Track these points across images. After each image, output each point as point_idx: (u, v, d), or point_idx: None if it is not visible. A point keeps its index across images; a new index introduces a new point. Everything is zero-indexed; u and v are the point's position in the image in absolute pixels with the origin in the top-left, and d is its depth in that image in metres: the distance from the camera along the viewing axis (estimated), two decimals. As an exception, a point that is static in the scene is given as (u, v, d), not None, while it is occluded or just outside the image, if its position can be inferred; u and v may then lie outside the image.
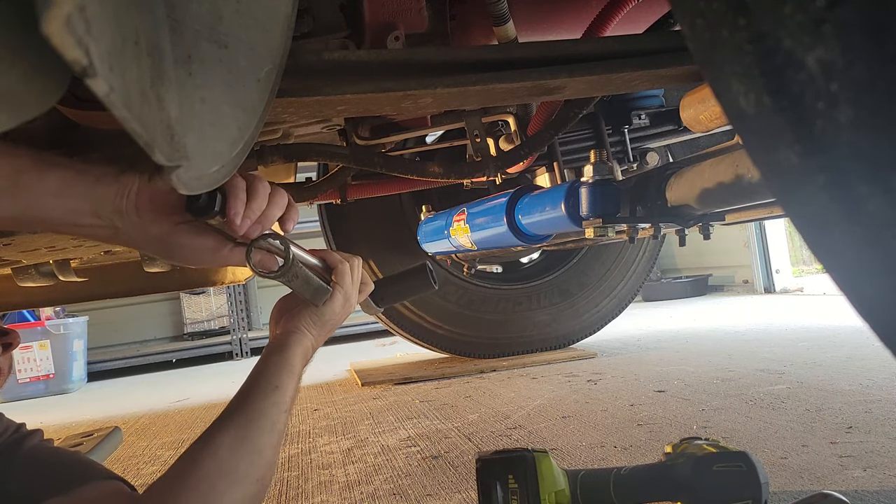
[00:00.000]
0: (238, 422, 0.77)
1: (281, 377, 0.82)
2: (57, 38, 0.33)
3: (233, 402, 0.81)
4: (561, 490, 1.00)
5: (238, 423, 0.77)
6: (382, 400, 2.40)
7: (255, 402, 0.80)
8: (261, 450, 0.77)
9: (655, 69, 1.01)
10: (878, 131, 0.33)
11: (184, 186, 0.51)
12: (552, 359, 2.81)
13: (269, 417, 0.79)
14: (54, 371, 4.06)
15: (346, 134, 1.64)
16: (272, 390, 0.81)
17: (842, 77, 0.33)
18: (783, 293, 4.67)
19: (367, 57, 0.95)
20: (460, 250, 2.33)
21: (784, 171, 0.39)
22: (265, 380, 0.82)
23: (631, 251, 3.02)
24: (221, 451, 0.74)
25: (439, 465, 1.52)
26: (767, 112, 0.38)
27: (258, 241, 0.77)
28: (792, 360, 2.25)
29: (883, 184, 0.34)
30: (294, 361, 0.85)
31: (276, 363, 0.83)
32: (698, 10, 0.40)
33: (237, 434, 0.76)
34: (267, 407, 0.80)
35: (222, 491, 0.72)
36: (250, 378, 0.83)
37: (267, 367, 0.83)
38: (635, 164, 1.93)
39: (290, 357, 0.84)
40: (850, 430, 1.41)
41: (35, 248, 1.42)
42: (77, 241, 1.37)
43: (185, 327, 5.62)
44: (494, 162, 1.72)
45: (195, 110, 0.53)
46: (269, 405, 0.80)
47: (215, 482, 0.72)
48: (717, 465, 0.95)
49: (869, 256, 0.37)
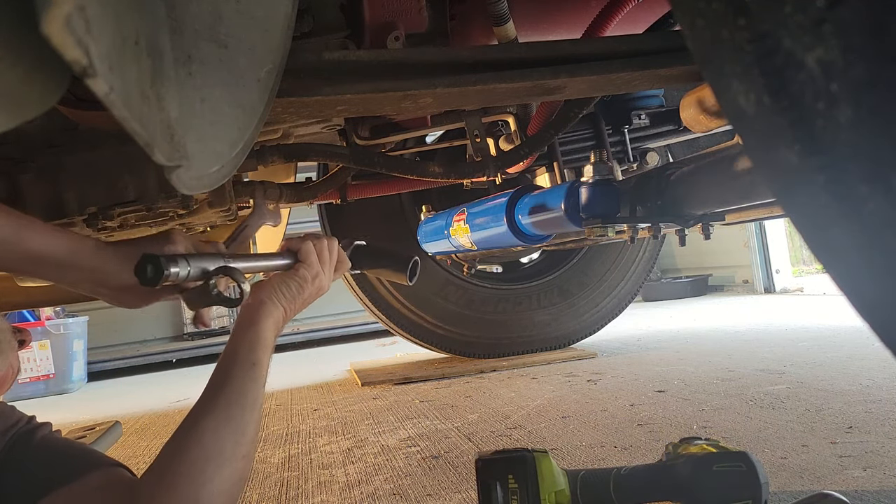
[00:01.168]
0: (220, 403, 0.80)
1: (256, 353, 0.84)
2: (57, 38, 0.33)
3: (211, 382, 0.83)
4: (561, 490, 1.00)
5: (220, 404, 0.80)
6: (382, 400, 2.40)
7: (234, 381, 0.82)
8: (244, 429, 0.80)
9: (655, 69, 1.01)
10: (878, 131, 0.33)
11: (184, 186, 0.51)
12: (552, 359, 2.81)
13: (248, 395, 0.82)
14: (54, 371, 4.06)
15: (346, 134, 1.64)
16: (249, 367, 0.83)
17: (842, 77, 0.33)
18: (783, 293, 4.67)
19: (366, 57, 0.95)
20: (460, 250, 2.33)
21: (784, 171, 0.39)
22: (242, 357, 0.84)
23: (631, 251, 3.02)
24: (206, 436, 0.77)
25: (439, 465, 1.52)
26: (767, 112, 0.38)
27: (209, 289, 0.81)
28: (792, 360, 2.25)
29: (883, 184, 0.34)
30: (267, 335, 0.87)
31: (251, 339, 0.85)
32: (698, 10, 0.40)
33: (220, 416, 0.79)
34: (246, 384, 0.82)
35: (212, 473, 0.75)
36: (226, 355, 0.84)
37: (241, 343, 0.85)
38: (635, 164, 1.93)
39: (262, 331, 0.86)
40: (850, 430, 1.41)
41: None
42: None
43: (185, 327, 5.62)
44: (494, 162, 1.72)
45: (195, 110, 0.53)
46: (248, 382, 0.82)
47: (204, 466, 0.75)
48: (717, 465, 0.95)
49: (869, 256, 0.37)
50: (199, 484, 0.74)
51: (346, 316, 5.28)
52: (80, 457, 0.86)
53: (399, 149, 1.99)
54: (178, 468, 0.75)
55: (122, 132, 0.43)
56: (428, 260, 2.83)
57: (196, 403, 0.81)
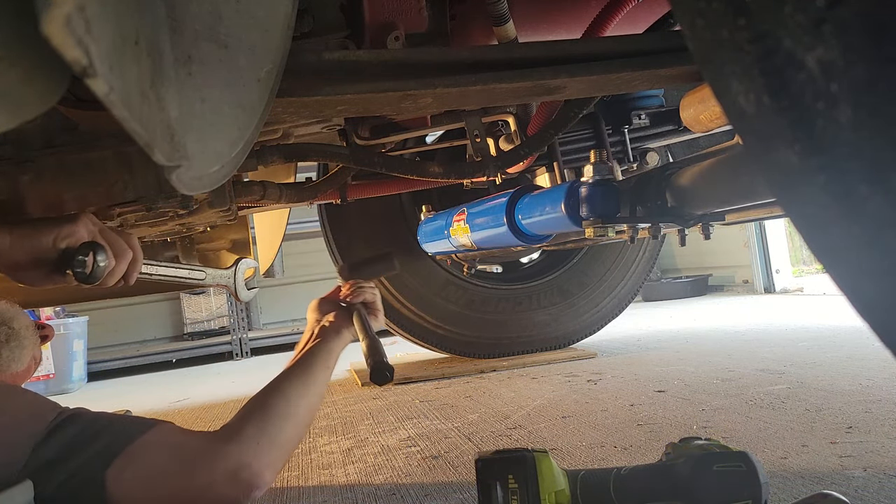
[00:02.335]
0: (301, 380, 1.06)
1: (329, 360, 1.14)
2: (57, 38, 0.33)
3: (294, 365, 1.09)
4: (561, 490, 1.00)
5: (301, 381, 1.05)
6: (382, 400, 2.40)
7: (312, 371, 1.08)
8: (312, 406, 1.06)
9: (655, 69, 1.01)
10: (878, 131, 0.33)
11: (184, 186, 0.51)
12: (552, 359, 2.81)
13: (319, 385, 1.08)
14: (54, 371, 4.06)
15: (346, 134, 1.64)
16: (324, 368, 1.11)
17: (842, 77, 0.33)
18: (783, 293, 4.67)
19: (366, 57, 0.95)
20: (460, 250, 2.33)
21: (784, 171, 0.39)
22: (321, 359, 1.12)
23: (631, 251, 3.02)
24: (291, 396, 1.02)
25: (439, 465, 1.52)
26: (767, 112, 0.38)
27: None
28: (792, 360, 2.25)
29: (883, 184, 0.34)
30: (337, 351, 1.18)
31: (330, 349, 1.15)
32: (698, 10, 0.40)
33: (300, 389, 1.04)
34: (319, 376, 1.09)
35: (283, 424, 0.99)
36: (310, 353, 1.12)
37: (322, 350, 1.13)
38: (635, 164, 1.93)
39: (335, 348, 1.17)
40: (850, 430, 1.41)
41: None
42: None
43: (185, 327, 5.62)
44: (494, 162, 1.72)
45: (195, 110, 0.53)
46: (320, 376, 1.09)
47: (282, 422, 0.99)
48: (717, 465, 0.95)
49: (869, 256, 0.37)
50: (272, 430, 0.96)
51: (346, 316, 5.27)
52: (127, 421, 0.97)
53: (399, 149, 1.98)
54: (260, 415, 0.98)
55: (122, 132, 0.43)
56: (428, 260, 2.83)
57: (279, 377, 1.06)
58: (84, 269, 0.85)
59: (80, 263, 0.85)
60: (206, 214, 1.35)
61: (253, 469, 0.91)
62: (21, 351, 1.38)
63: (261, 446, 0.94)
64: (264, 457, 0.93)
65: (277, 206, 2.08)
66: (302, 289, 5.78)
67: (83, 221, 0.89)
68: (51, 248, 0.85)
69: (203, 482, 0.90)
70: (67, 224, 0.87)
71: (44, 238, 0.85)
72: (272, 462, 0.95)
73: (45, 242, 0.85)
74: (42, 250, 0.85)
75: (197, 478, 0.90)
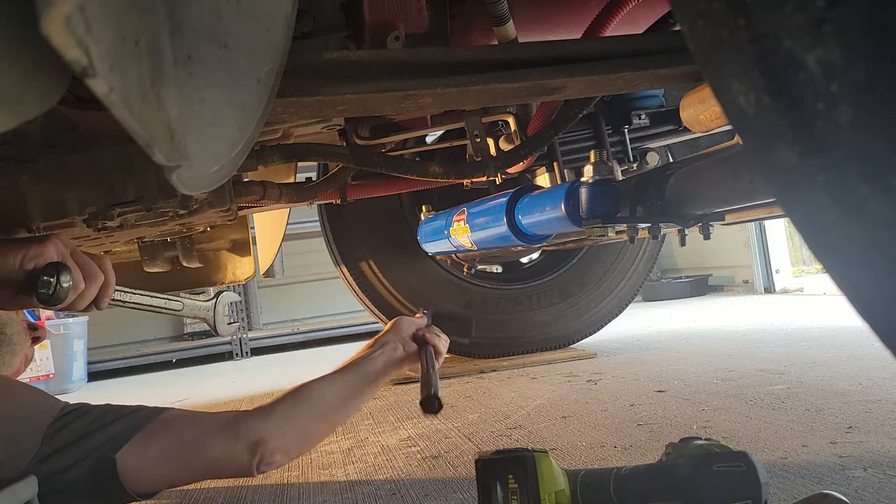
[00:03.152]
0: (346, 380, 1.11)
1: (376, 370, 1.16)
2: (57, 38, 0.33)
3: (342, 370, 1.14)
4: (561, 490, 1.00)
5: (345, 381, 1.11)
6: (382, 400, 2.40)
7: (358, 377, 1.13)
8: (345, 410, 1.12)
9: (655, 69, 1.01)
10: (878, 131, 0.33)
11: (184, 186, 0.51)
12: (552, 359, 2.81)
13: (358, 392, 1.13)
14: (54, 371, 4.06)
15: (346, 134, 1.64)
16: (370, 378, 1.15)
17: (842, 77, 0.33)
18: (783, 293, 4.67)
19: (366, 57, 0.95)
20: (460, 250, 2.33)
21: (784, 171, 0.39)
22: (369, 368, 1.15)
23: (631, 251, 3.02)
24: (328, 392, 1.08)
25: (439, 465, 1.52)
26: (767, 112, 0.38)
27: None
28: (792, 360, 2.25)
29: (883, 184, 0.34)
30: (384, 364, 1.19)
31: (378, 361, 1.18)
32: (698, 10, 0.40)
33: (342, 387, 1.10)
34: (362, 385, 1.13)
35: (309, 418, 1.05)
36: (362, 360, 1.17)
37: (372, 360, 1.17)
38: (635, 164, 1.93)
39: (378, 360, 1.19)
40: (850, 430, 1.41)
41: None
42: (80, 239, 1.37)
43: (185, 327, 5.61)
44: (494, 162, 1.72)
45: (195, 110, 0.53)
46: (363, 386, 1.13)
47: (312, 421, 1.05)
48: (717, 465, 0.95)
49: (869, 256, 0.37)
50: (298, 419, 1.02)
51: (346, 316, 5.28)
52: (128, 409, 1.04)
53: (399, 149, 1.98)
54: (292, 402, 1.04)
55: (122, 132, 0.43)
56: (428, 260, 2.83)
57: (329, 373, 1.12)
58: (48, 290, 0.83)
59: (45, 284, 0.83)
60: (206, 214, 1.35)
61: (268, 446, 0.98)
62: (13, 357, 1.39)
63: (283, 430, 1.00)
64: (282, 439, 0.99)
65: (277, 206, 2.08)
66: (302, 289, 5.78)
67: (53, 242, 0.87)
68: (17, 268, 0.84)
69: (227, 446, 0.98)
70: (36, 245, 0.85)
71: (11, 258, 0.84)
72: (288, 447, 1.01)
73: (11, 263, 0.83)
74: (8, 271, 0.84)
75: (220, 443, 0.98)
